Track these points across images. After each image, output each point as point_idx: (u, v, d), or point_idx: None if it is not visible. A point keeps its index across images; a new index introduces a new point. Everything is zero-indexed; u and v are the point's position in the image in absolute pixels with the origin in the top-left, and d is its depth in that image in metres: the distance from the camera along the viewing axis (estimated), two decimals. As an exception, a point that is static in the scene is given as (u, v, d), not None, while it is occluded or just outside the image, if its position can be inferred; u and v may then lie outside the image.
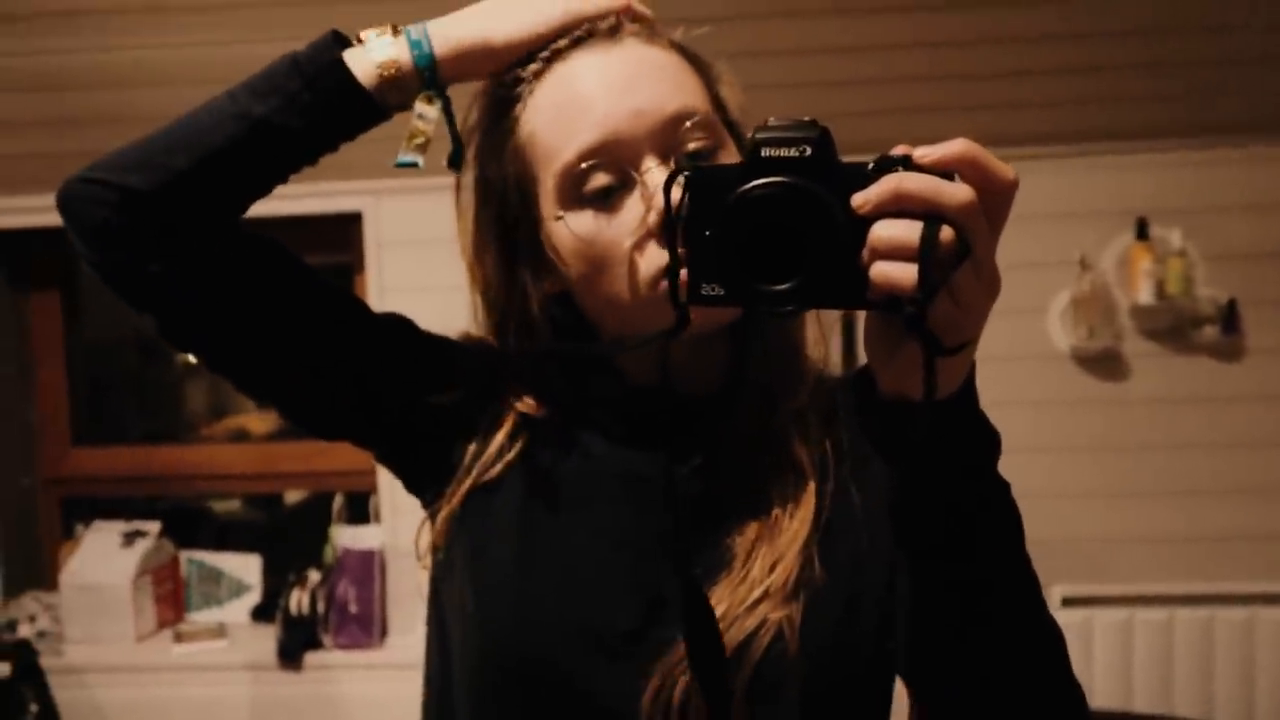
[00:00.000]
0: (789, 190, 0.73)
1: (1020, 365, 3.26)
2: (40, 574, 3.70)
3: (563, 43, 0.96)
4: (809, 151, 0.74)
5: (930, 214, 0.69)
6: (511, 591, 0.98)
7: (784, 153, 0.74)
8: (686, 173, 0.79)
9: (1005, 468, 0.82)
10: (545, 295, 1.01)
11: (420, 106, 0.96)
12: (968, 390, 0.78)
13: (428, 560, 1.07)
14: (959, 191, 0.70)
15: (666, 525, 0.91)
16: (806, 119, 0.76)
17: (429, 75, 0.95)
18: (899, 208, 0.70)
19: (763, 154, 0.74)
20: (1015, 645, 0.83)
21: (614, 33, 0.96)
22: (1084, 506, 3.28)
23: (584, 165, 0.92)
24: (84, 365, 3.86)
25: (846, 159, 0.74)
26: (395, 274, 3.32)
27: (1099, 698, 3.11)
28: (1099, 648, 3.16)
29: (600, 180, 0.93)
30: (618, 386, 1.02)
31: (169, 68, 3.00)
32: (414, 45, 0.94)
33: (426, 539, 1.07)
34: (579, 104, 0.93)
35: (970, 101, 3.10)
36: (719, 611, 0.91)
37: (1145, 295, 3.17)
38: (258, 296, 0.99)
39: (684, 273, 0.78)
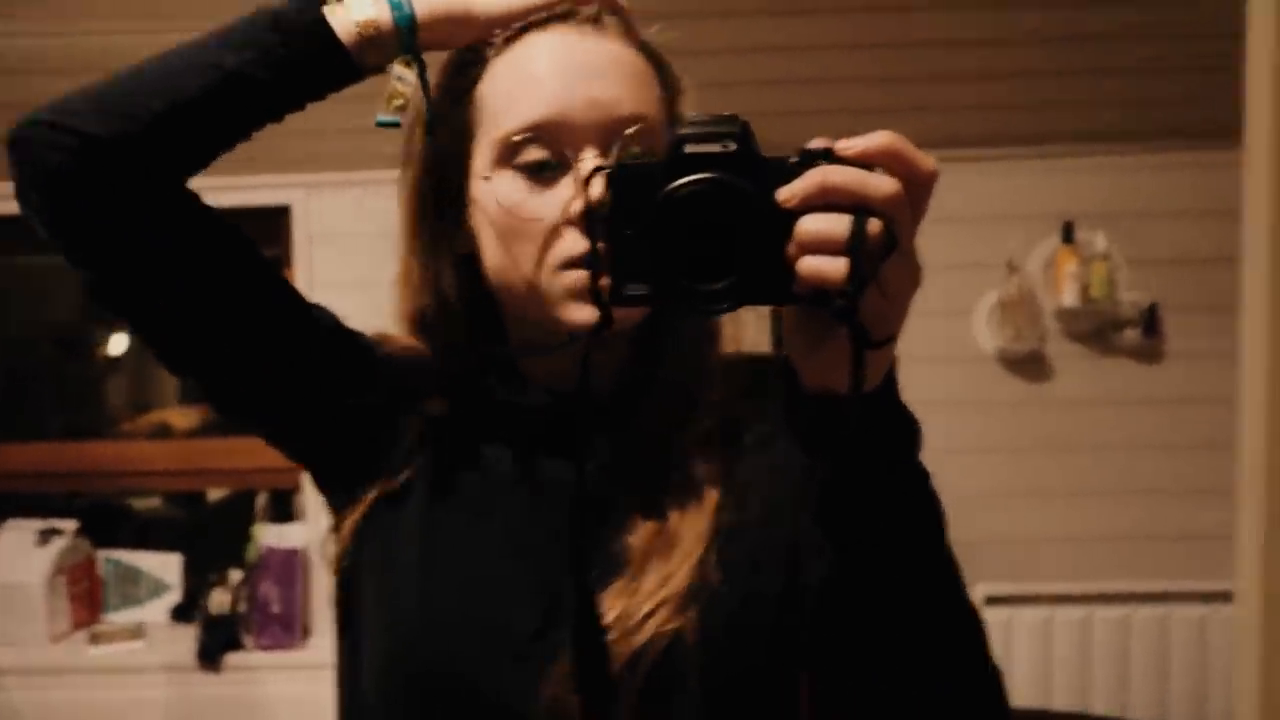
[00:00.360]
0: (717, 187, 0.73)
1: (947, 366, 3.29)
2: (-48, 573, 3.59)
3: (540, 15, 0.95)
4: (733, 146, 0.73)
5: (857, 207, 0.69)
6: (415, 596, 0.97)
7: (708, 148, 0.73)
8: (608, 170, 0.77)
9: (930, 467, 0.83)
10: (458, 257, 1.00)
11: (399, 69, 0.96)
12: (890, 381, 0.78)
13: (335, 567, 1.05)
14: (885, 184, 0.70)
15: (563, 530, 0.92)
16: (727, 114, 0.75)
17: (407, 38, 0.94)
18: (825, 201, 0.70)
19: (686, 150, 0.73)
20: (938, 629, 0.84)
21: (596, 20, 0.96)
22: (1008, 506, 3.32)
23: (524, 136, 0.92)
24: (1, 360, 3.77)
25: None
26: (324, 268, 3.28)
27: (1019, 695, 3.15)
28: (1020, 646, 3.20)
29: (535, 154, 0.92)
30: (522, 389, 1.02)
31: (89, 56, 2.93)
32: (395, 7, 0.93)
33: (334, 547, 1.05)
34: (539, 77, 0.93)
35: (900, 104, 3.12)
36: (613, 616, 0.91)
37: (1070, 298, 3.21)
38: (201, 262, 0.96)
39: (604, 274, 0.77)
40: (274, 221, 3.33)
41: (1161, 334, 3.27)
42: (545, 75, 0.93)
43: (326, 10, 0.94)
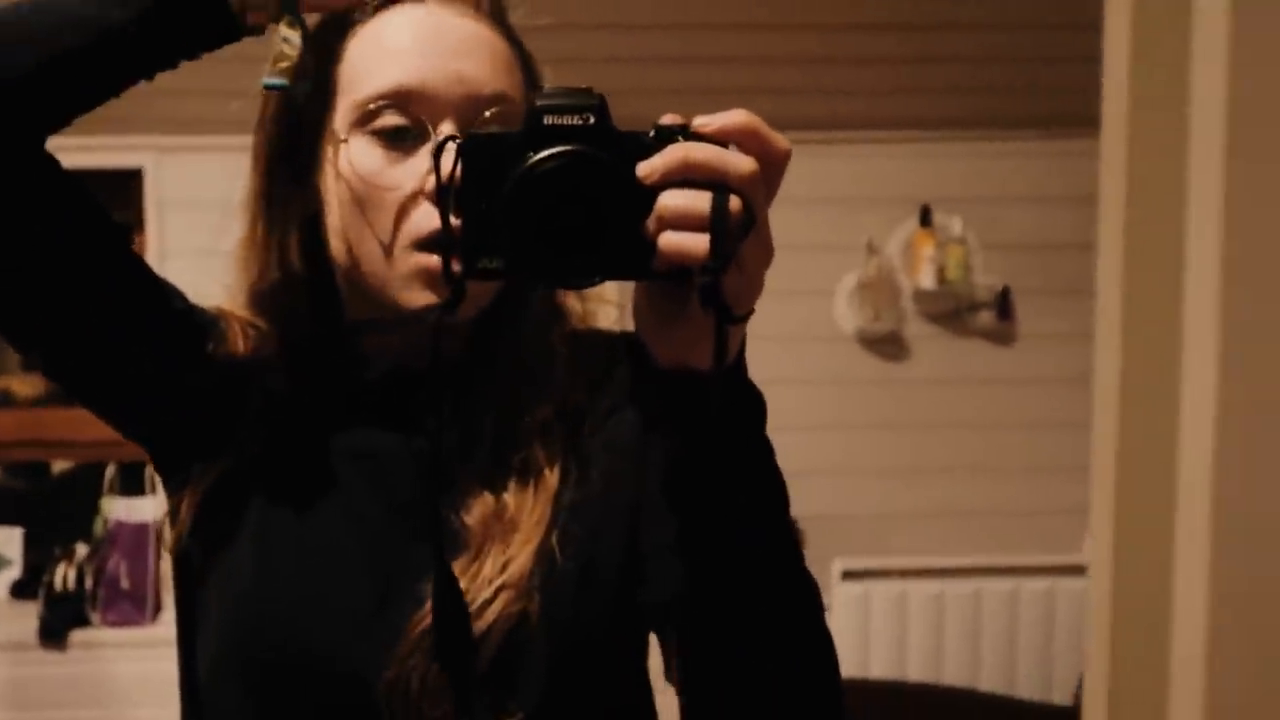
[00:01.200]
0: (580, 160, 0.72)
1: (807, 345, 3.35)
2: None
3: None
4: (591, 120, 0.73)
5: (716, 183, 0.70)
6: (252, 575, 0.96)
7: (567, 120, 0.73)
8: (459, 140, 0.76)
9: (791, 446, 0.86)
10: (301, 218, 0.97)
11: (284, 30, 0.92)
12: (738, 358, 0.80)
13: (173, 547, 1.03)
14: (744, 162, 0.71)
15: (407, 502, 0.92)
16: (584, 87, 0.75)
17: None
18: (685, 176, 0.70)
19: (545, 121, 0.73)
20: (778, 596, 0.86)
21: (473, 2, 0.95)
22: (865, 483, 3.40)
23: (384, 102, 0.91)
24: None
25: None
26: (177, 236, 3.19)
27: (875, 668, 3.24)
28: (875, 620, 3.28)
29: (393, 120, 0.91)
30: (360, 364, 1.00)
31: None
32: None
33: (170, 525, 1.03)
34: (405, 45, 0.92)
35: (761, 85, 3.15)
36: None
37: (927, 280, 3.30)
38: (52, 226, 0.92)
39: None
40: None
41: (1014, 317, 3.38)
42: (412, 44, 0.92)
43: None
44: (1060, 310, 3.39)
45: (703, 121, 0.72)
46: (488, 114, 0.91)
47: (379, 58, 0.92)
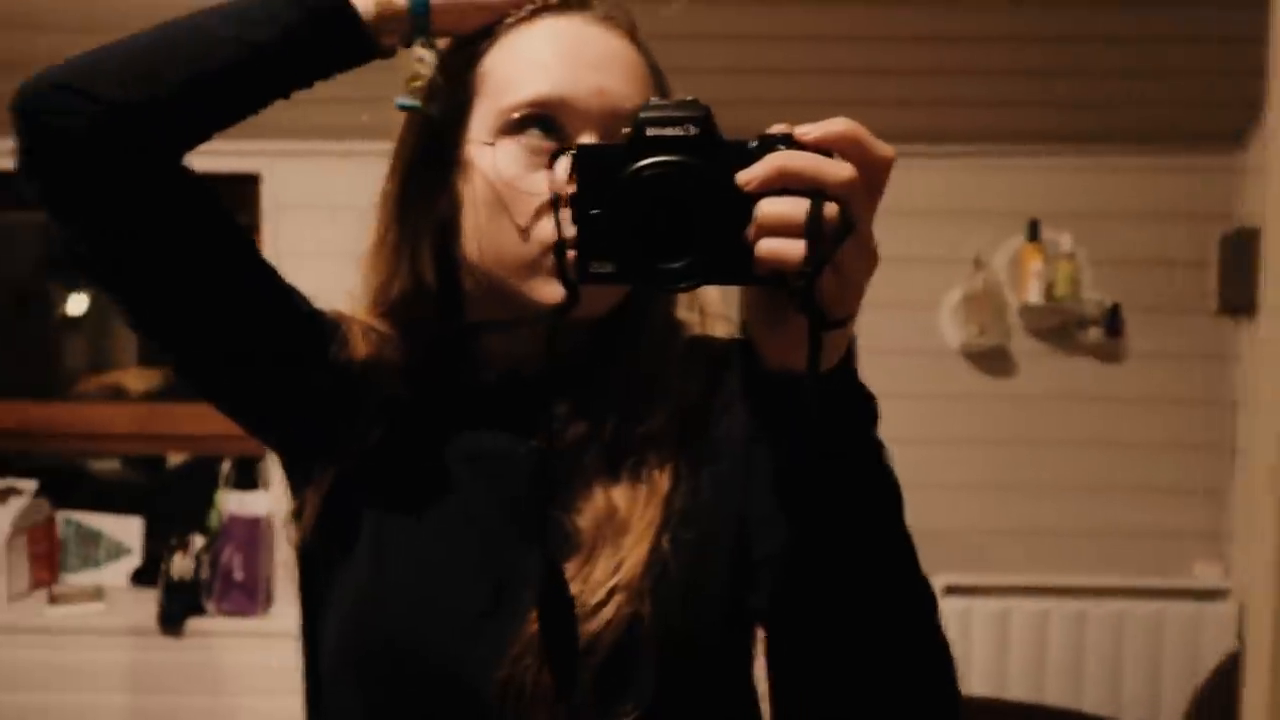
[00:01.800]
0: (679, 169, 0.75)
1: (911, 359, 3.33)
2: (-93, 530, 3.56)
3: (554, 1, 0.98)
4: (694, 130, 0.75)
5: (814, 190, 0.72)
6: (368, 574, 0.99)
7: (670, 131, 0.76)
8: (572, 151, 0.79)
9: (892, 457, 0.85)
10: (436, 221, 1.00)
11: (419, 50, 0.97)
12: (848, 361, 0.81)
13: (296, 543, 1.06)
14: (841, 169, 0.72)
15: (520, 503, 0.94)
16: (689, 98, 0.77)
17: (422, 20, 0.96)
18: (783, 184, 0.72)
19: (648, 133, 0.76)
20: (892, 599, 0.86)
21: (608, 17, 0.98)
22: (968, 498, 3.37)
23: (529, 111, 0.93)
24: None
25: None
26: (291, 238, 3.27)
27: (975, 685, 3.20)
28: (977, 636, 3.24)
29: (536, 130, 0.94)
30: (479, 368, 1.03)
31: (50, 11, 2.91)
32: None
33: (294, 522, 1.06)
34: (550, 57, 0.95)
35: (873, 97, 3.15)
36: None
37: (1034, 295, 3.25)
38: (190, 233, 0.96)
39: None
40: (243, 189, 3.31)
41: (1123, 334, 3.32)
42: (556, 57, 0.95)
43: None
44: (1170, 328, 3.33)
45: (804, 130, 0.74)
46: (625, 130, 0.94)
47: (524, 67, 0.95)
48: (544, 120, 0.94)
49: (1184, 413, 3.35)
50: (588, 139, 0.92)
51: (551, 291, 0.90)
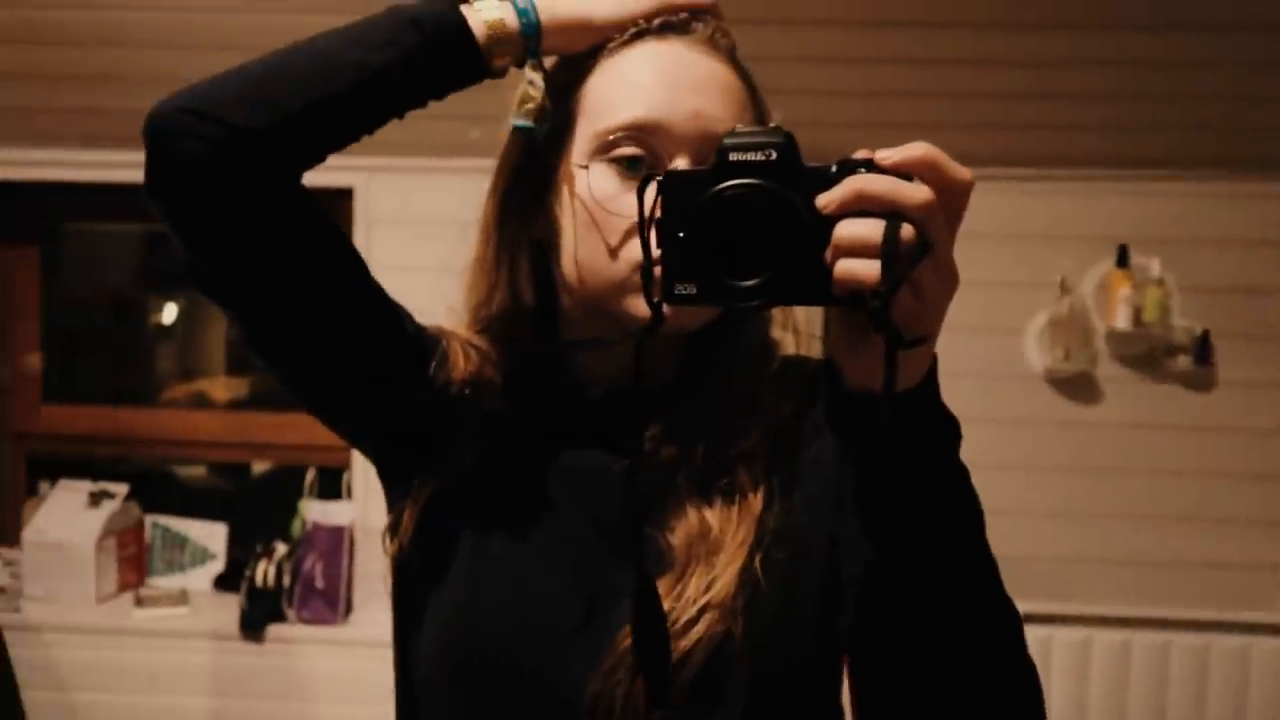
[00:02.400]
0: (757, 191, 0.77)
1: (994, 384, 3.30)
2: (2, 530, 3.68)
3: (655, 23, 0.99)
4: (774, 155, 0.77)
5: (891, 213, 0.73)
6: (463, 586, 1.01)
7: (751, 157, 0.78)
8: (659, 176, 0.82)
9: (974, 482, 0.85)
10: (531, 239, 1.03)
11: (529, 73, 0.99)
12: (929, 381, 0.81)
13: (391, 553, 1.08)
14: (918, 191, 0.73)
15: (613, 520, 0.95)
16: (773, 125, 0.80)
17: (532, 43, 0.98)
18: (861, 207, 0.74)
19: (730, 158, 0.78)
20: (977, 622, 0.86)
21: (709, 40, 1.00)
22: (1049, 526, 3.32)
23: (624, 133, 0.95)
24: (58, 322, 3.84)
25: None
26: (384, 252, 3.31)
27: (1055, 714, 3.15)
28: (1056, 666, 3.20)
29: (630, 151, 0.95)
30: (575, 384, 1.05)
31: (165, 30, 2.99)
32: (521, 13, 0.97)
33: (391, 534, 1.08)
34: (647, 80, 0.97)
35: (962, 121, 3.14)
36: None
37: (1122, 321, 3.21)
38: (307, 251, 0.98)
39: (659, 272, 0.81)
40: (335, 204, 3.37)
41: (1213, 362, 3.26)
42: (653, 80, 0.97)
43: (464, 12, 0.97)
44: (1262, 357, 3.26)
45: (884, 154, 0.75)
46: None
47: (622, 91, 0.97)
48: (636, 144, 0.95)
49: (1273, 443, 3.28)
50: (681, 162, 0.94)
51: (643, 308, 0.90)
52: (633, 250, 0.94)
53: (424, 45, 0.95)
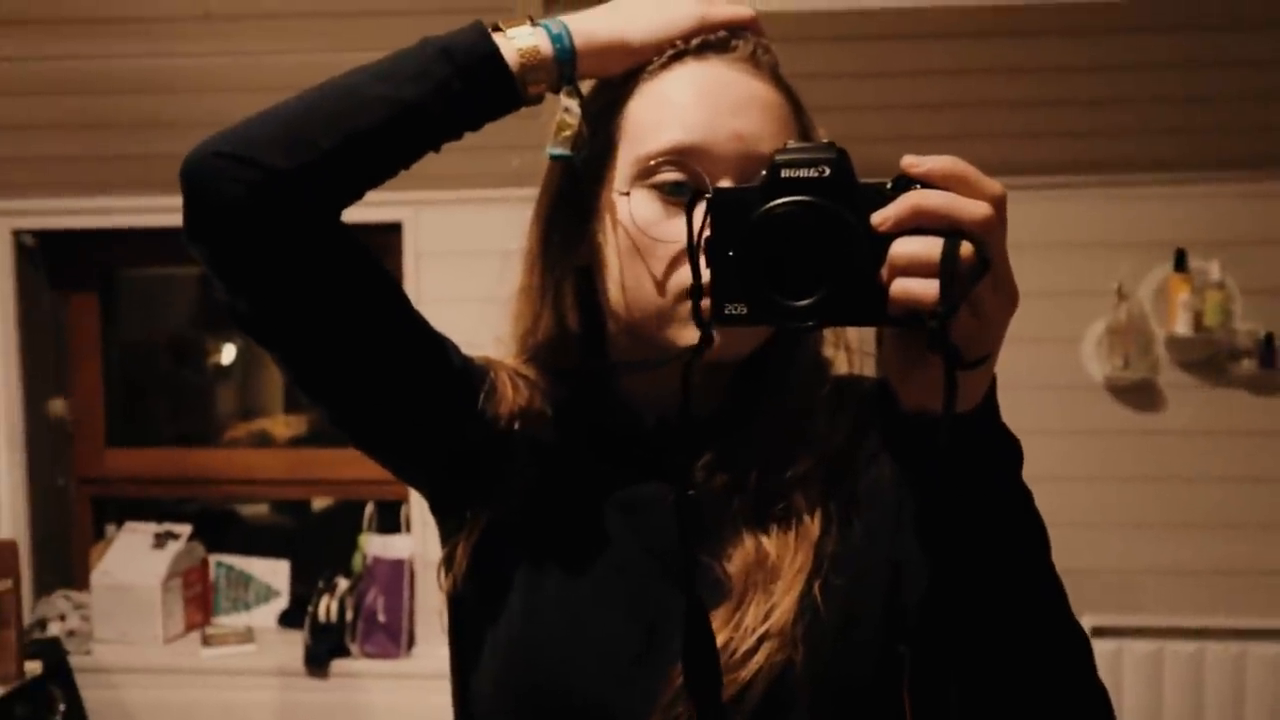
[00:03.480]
0: (809, 209, 0.75)
1: (1053, 394, 3.25)
2: (70, 573, 3.72)
3: (694, 43, 0.97)
4: (827, 172, 0.75)
5: (949, 230, 0.71)
6: (520, 618, 0.99)
7: (803, 173, 0.76)
8: (708, 195, 0.80)
9: (1037, 496, 0.84)
10: (575, 267, 1.01)
11: (565, 100, 0.97)
12: (989, 402, 0.79)
13: (447, 588, 1.07)
14: (977, 207, 0.72)
15: (669, 550, 0.93)
16: (825, 141, 0.78)
17: (568, 69, 0.95)
18: (918, 224, 0.72)
19: (782, 175, 0.76)
20: (1043, 646, 0.84)
21: (749, 58, 0.97)
22: (1115, 536, 3.27)
23: (665, 158, 0.93)
24: (119, 366, 3.89)
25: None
26: (432, 284, 3.34)
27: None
28: (1128, 679, 3.14)
29: (672, 176, 0.93)
30: (625, 412, 1.03)
31: (214, 74, 3.04)
32: (555, 39, 0.94)
33: (446, 567, 1.07)
34: (687, 103, 0.95)
35: (1012, 130, 3.11)
36: (719, 643, 0.91)
37: (1182, 327, 3.15)
38: (349, 290, 0.97)
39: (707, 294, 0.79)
40: (384, 238, 3.39)
41: (1277, 365, 3.19)
42: (693, 103, 0.95)
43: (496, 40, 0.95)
44: (1330, 359, 3.19)
45: (912, 161, 0.74)
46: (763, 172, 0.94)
47: (661, 114, 0.95)
48: (678, 169, 0.93)
49: (1343, 447, 3.22)
50: (725, 183, 0.91)
51: (689, 336, 0.89)
52: (678, 278, 0.92)
53: (456, 76, 0.93)
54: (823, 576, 0.94)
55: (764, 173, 0.77)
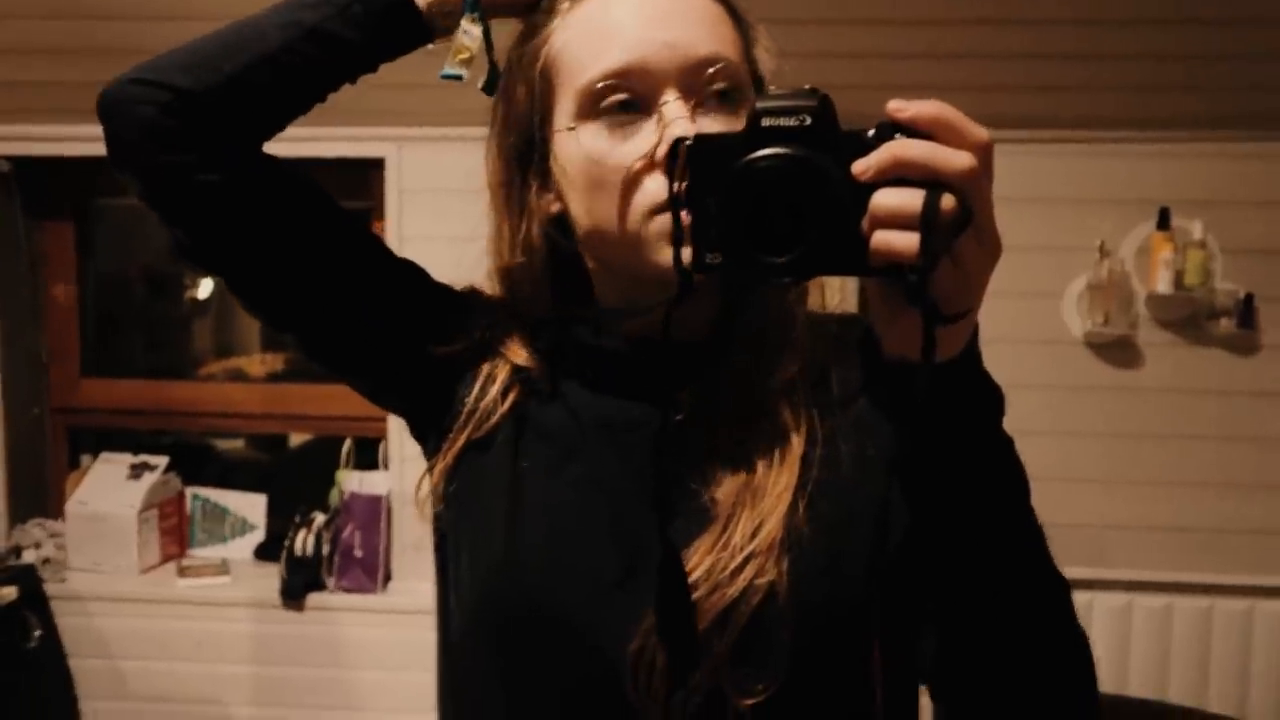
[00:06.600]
0: (789, 162, 0.74)
1: (1033, 349, 3.26)
2: (45, 502, 3.72)
3: None
4: (808, 121, 0.74)
5: (932, 181, 0.70)
6: (502, 540, 0.99)
7: (784, 122, 0.75)
8: (687, 141, 0.79)
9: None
10: (546, 216, 1.01)
11: (466, 24, 1.00)
12: (970, 349, 0.79)
13: (427, 510, 1.08)
14: (960, 158, 0.70)
15: (648, 475, 0.93)
16: (807, 87, 0.76)
17: (471, 1, 0.99)
18: (900, 174, 0.71)
19: (763, 123, 0.75)
20: (1021, 593, 0.84)
21: None
22: (1090, 491, 3.29)
23: (605, 84, 0.92)
24: (94, 297, 3.87)
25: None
26: (414, 222, 3.32)
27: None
28: (1097, 631, 3.17)
29: (615, 99, 0.93)
30: (609, 335, 1.03)
31: (195, 2, 2.99)
32: None
33: (426, 489, 1.08)
34: (613, 27, 0.94)
35: (991, 82, 3.09)
36: (703, 570, 0.91)
37: (1163, 285, 3.16)
38: (288, 217, 1.00)
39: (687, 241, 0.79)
40: (366, 174, 3.38)
41: (1257, 325, 3.21)
42: (620, 24, 0.94)
43: None
44: (1309, 320, 3.21)
45: (896, 105, 0.73)
46: (710, 72, 0.92)
47: (591, 43, 0.94)
48: (621, 91, 0.92)
49: (1319, 408, 3.24)
50: (670, 95, 0.91)
51: (668, 257, 0.87)
52: (642, 198, 0.92)
53: (358, 2, 0.98)
54: (808, 497, 0.93)
55: (747, 119, 0.76)
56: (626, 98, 0.92)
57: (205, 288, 4.23)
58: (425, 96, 2.95)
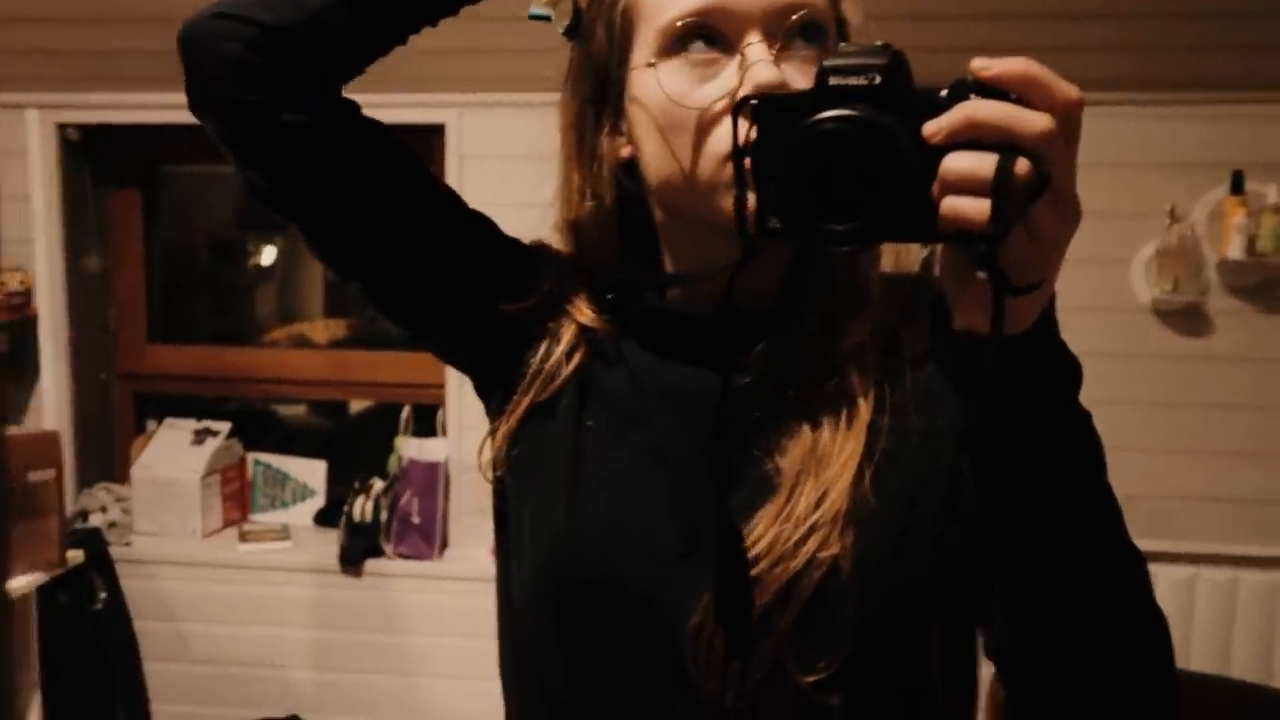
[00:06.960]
0: (855, 125, 0.71)
1: (1099, 316, 3.20)
2: (111, 466, 3.78)
3: None
4: (878, 80, 0.71)
5: (1006, 144, 0.66)
6: (564, 506, 0.98)
7: (852, 81, 0.71)
8: (754, 101, 0.76)
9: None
10: (617, 160, 0.99)
11: None
12: (1045, 320, 0.76)
13: (489, 473, 1.07)
14: (1037, 120, 0.67)
15: (710, 444, 0.91)
16: (879, 44, 0.73)
17: None
18: (973, 137, 0.67)
19: (830, 82, 0.72)
20: (1096, 571, 0.82)
21: None
22: (1156, 462, 3.22)
23: (688, 23, 0.90)
24: (160, 264, 3.91)
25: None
26: (474, 187, 3.27)
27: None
28: (1161, 603, 3.10)
29: (699, 42, 0.90)
30: (672, 301, 1.01)
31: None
32: None
33: (489, 453, 1.06)
34: None
35: (1062, 43, 3.03)
36: (765, 542, 0.89)
37: (1235, 250, 3.07)
38: (365, 162, 0.99)
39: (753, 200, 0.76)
40: (427, 140, 3.37)
41: (1332, 293, 3.12)
42: None
43: None
44: (1386, 287, 3.12)
45: (980, 64, 0.69)
46: (794, 19, 0.89)
47: None
48: (704, 30, 0.90)
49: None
50: (753, 37, 0.88)
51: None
52: (717, 143, 0.89)
53: None
54: (875, 467, 0.90)
55: (815, 78, 0.73)
56: (708, 46, 0.90)
57: (269, 254, 4.26)
58: (485, 62, 2.94)
